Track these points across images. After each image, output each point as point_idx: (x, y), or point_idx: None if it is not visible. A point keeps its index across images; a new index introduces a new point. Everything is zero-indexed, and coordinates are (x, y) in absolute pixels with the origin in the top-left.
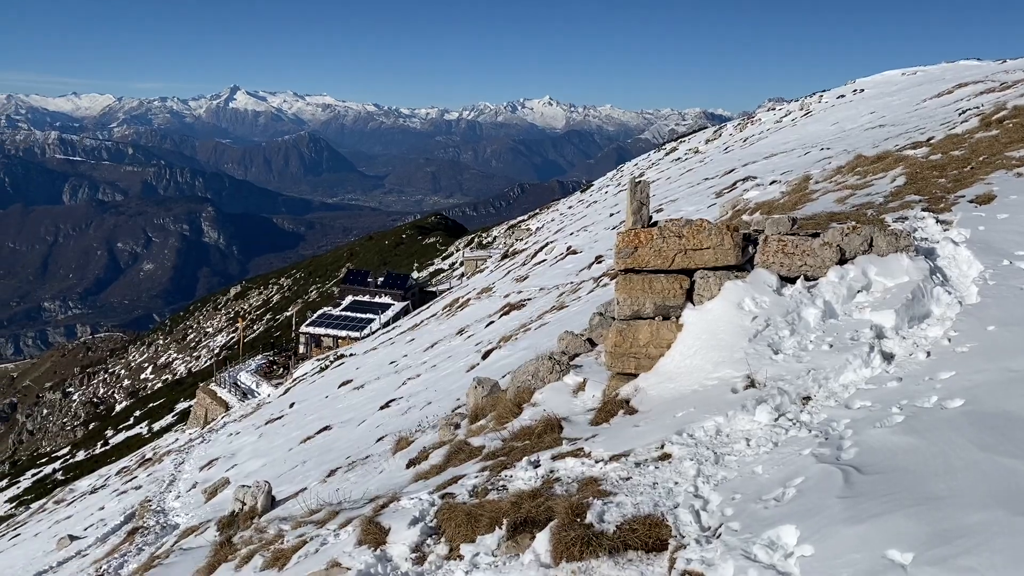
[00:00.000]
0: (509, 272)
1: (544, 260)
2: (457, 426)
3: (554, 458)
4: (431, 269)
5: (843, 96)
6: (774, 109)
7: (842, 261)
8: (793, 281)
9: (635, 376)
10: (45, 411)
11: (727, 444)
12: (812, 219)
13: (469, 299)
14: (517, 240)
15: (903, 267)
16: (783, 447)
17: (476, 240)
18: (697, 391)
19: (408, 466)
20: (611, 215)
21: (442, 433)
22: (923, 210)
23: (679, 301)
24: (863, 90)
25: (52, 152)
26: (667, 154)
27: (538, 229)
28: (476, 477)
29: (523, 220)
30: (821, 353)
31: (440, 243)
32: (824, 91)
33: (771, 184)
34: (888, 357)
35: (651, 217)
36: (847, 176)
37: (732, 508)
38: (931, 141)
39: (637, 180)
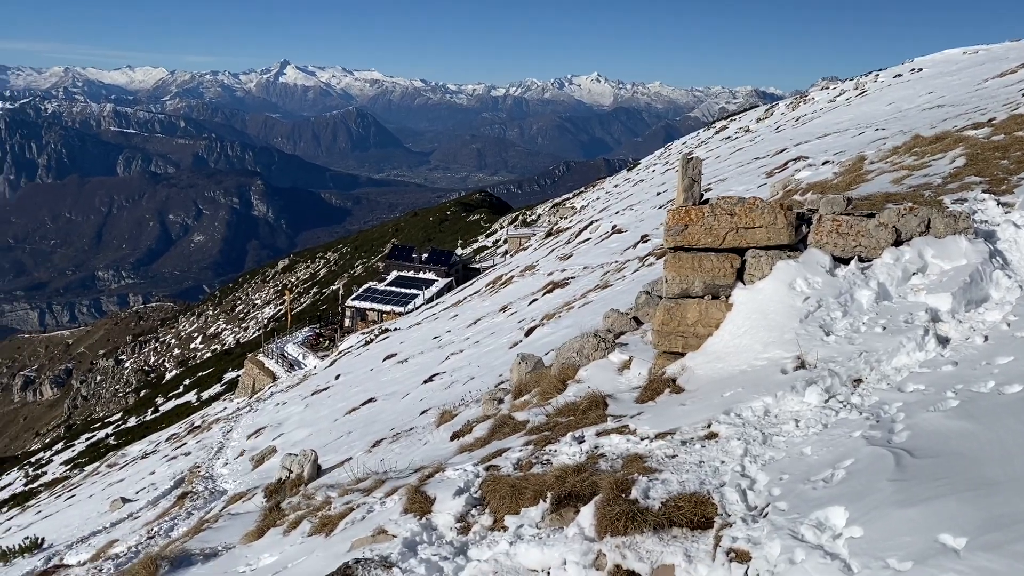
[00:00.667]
0: (553, 250)
1: (588, 239)
2: (500, 401)
3: (599, 434)
4: (475, 246)
5: (900, 75)
6: (828, 88)
7: (898, 242)
8: (847, 262)
9: (682, 355)
10: (98, 378)
11: (775, 425)
12: (867, 199)
13: (512, 277)
14: (561, 218)
15: (961, 249)
16: (833, 429)
17: (520, 218)
18: (745, 371)
19: (452, 439)
20: (658, 194)
21: (485, 407)
22: (983, 192)
23: (729, 280)
24: (921, 69)
25: (107, 124)
26: (717, 133)
27: (583, 208)
28: (520, 451)
29: (568, 198)
30: (874, 335)
31: (484, 220)
32: (880, 70)
33: (823, 164)
34: (943, 341)
35: (702, 195)
36: (904, 157)
37: (779, 488)
38: (993, 122)
39: (689, 157)
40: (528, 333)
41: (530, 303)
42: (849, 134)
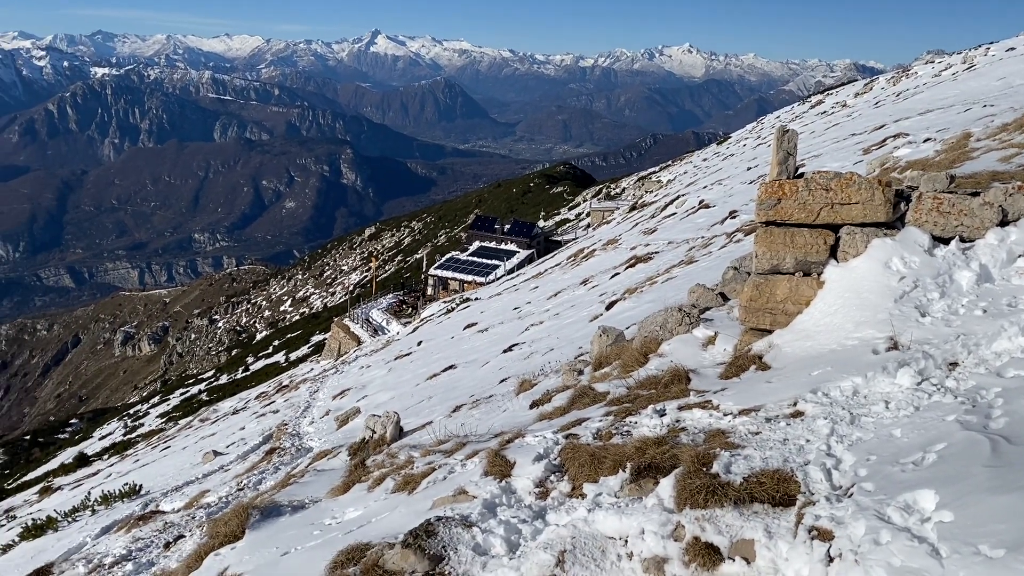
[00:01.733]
0: (637, 224)
1: (674, 213)
2: (580, 372)
3: (681, 408)
4: (557, 218)
5: (1013, 49)
6: (933, 62)
7: (1004, 223)
8: (947, 242)
9: (769, 332)
10: (193, 336)
11: (864, 405)
12: (972, 177)
13: (594, 250)
14: (647, 192)
15: None
16: (925, 412)
17: (604, 191)
18: (835, 350)
19: (532, 407)
20: (748, 169)
21: (565, 378)
22: None
23: (822, 257)
24: None
25: (205, 91)
26: (812, 107)
27: (669, 182)
28: (600, 421)
29: (654, 172)
30: (973, 318)
31: (567, 193)
32: (991, 43)
33: (925, 142)
34: None
35: (796, 169)
36: (1013, 134)
37: (866, 469)
38: None
39: (784, 129)
40: (609, 307)
41: (612, 277)
42: (954, 110)
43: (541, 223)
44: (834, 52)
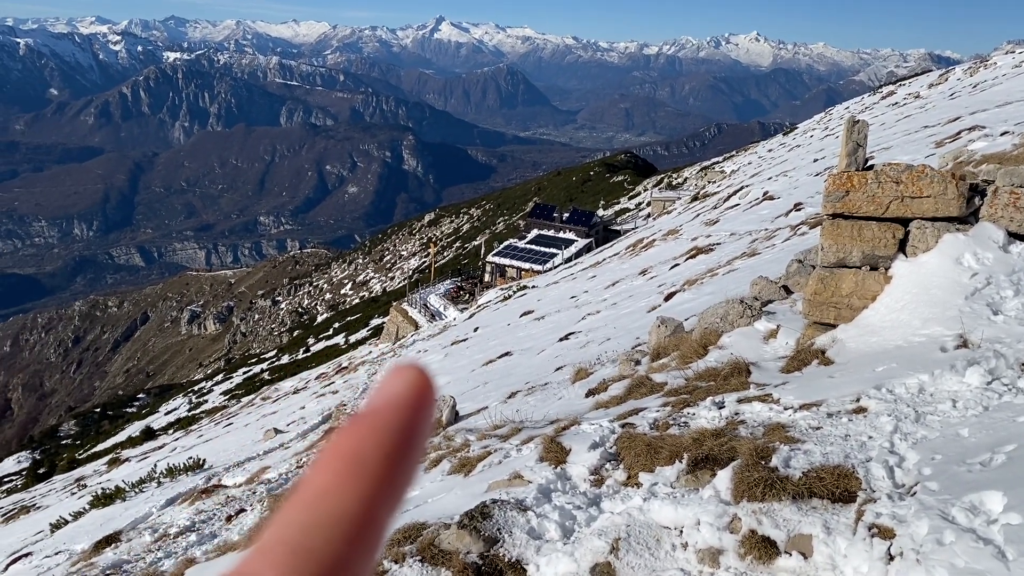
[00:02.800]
0: (698, 215)
1: (737, 204)
2: (637, 362)
3: (740, 401)
4: (616, 208)
5: None
6: (1013, 52)
7: None
8: (1023, 239)
9: (833, 327)
10: (256, 316)
11: (930, 403)
12: None
13: (654, 240)
14: (709, 182)
15: None
16: (994, 412)
17: (665, 180)
18: (901, 347)
19: (588, 395)
20: (815, 160)
21: (622, 368)
22: None
23: (890, 251)
24: None
25: (272, 76)
26: (883, 98)
27: (733, 172)
28: (657, 411)
29: (717, 162)
30: None
31: (628, 182)
32: None
33: (1002, 135)
34: None
35: (866, 161)
36: None
37: (930, 468)
38: None
39: (855, 119)
40: (668, 298)
41: (671, 268)
42: None
43: (600, 212)
44: (908, 41)
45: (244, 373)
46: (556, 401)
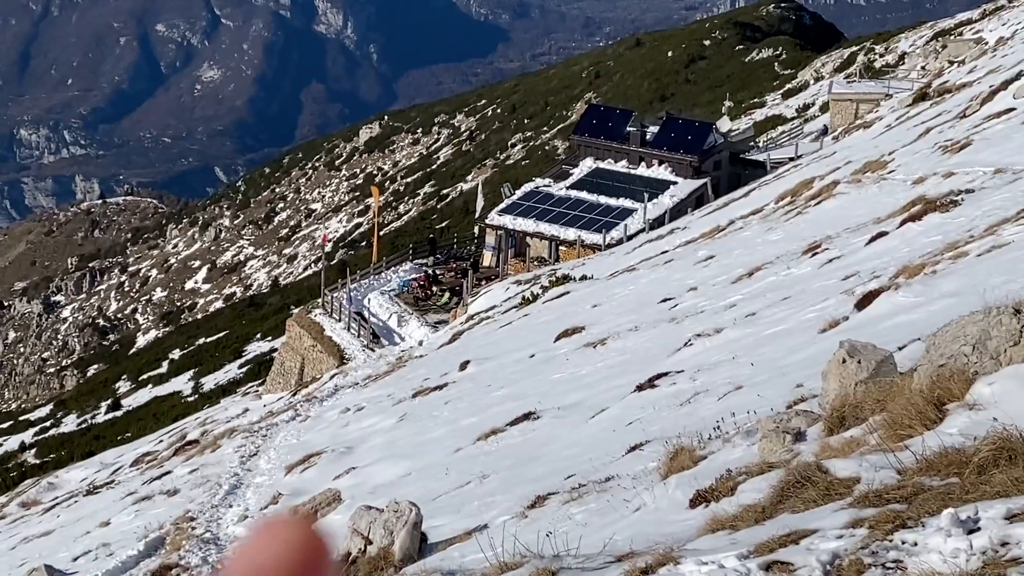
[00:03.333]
0: (927, 132)
1: (1011, 111)
2: (798, 435)
3: (1013, 518)
4: (758, 115)
5: None
6: None
7: None
8: None
9: None
10: (12, 335)
11: None
12: None
13: (835, 184)
14: (950, 63)
15: None
16: None
17: (859, 59)
18: None
19: (695, 503)
20: None
21: (766, 446)
22: None
23: None
24: None
25: None
26: None
27: (1000, 43)
28: (840, 538)
29: (966, 22)
30: None
31: (780, 61)
32: None
33: None
34: None
35: None
36: None
37: None
38: None
39: None
40: (863, 303)
41: (868, 241)
42: None
43: (724, 124)
44: None
45: None
46: (630, 513)
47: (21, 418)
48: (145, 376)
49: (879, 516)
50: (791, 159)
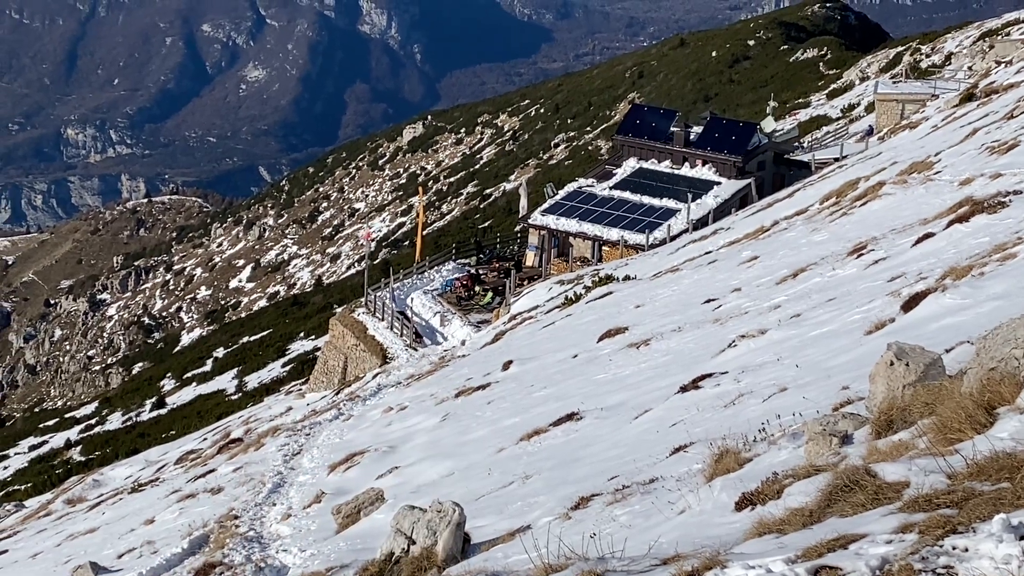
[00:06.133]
0: (974, 133)
1: None
2: (845, 438)
3: None
4: (802, 115)
5: None
6: None
7: None
8: None
9: None
10: (57, 332)
11: None
12: None
13: (880, 184)
14: (997, 63)
15: None
16: None
17: (905, 59)
18: None
19: (740, 506)
20: None
21: (812, 449)
22: None
23: None
24: None
25: None
26: None
27: None
28: (890, 543)
29: (1013, 23)
30: None
31: (826, 61)
32: None
33: None
34: None
35: None
36: None
37: None
38: None
39: None
40: (909, 305)
41: (915, 243)
42: None
43: (768, 124)
44: None
45: (32, 448)
46: (674, 516)
47: (67, 415)
48: (189, 374)
49: (929, 521)
50: (836, 160)
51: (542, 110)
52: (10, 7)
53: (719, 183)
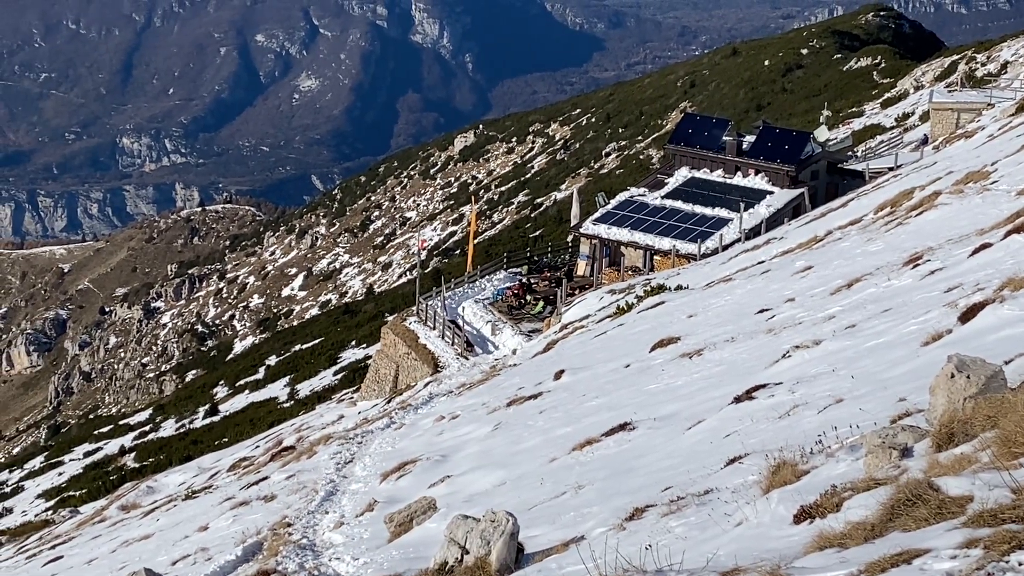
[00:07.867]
0: None
1: None
2: (905, 451)
3: None
4: (857, 124)
5: None
6: None
7: None
8: None
9: None
10: (112, 339)
11: None
12: None
13: (936, 194)
14: None
15: None
16: None
17: (960, 68)
18: None
19: (799, 518)
20: None
21: (872, 461)
22: None
23: None
24: None
25: None
26: None
27: None
28: (954, 559)
29: None
30: None
31: (880, 70)
32: None
33: None
34: None
35: None
36: None
37: None
38: None
39: None
40: (967, 316)
41: (972, 253)
42: None
43: (821, 134)
44: None
45: (87, 455)
46: (731, 528)
47: (121, 422)
48: (242, 382)
49: (994, 536)
50: (890, 169)
51: (593, 119)
52: (67, 17)
53: (772, 192)
